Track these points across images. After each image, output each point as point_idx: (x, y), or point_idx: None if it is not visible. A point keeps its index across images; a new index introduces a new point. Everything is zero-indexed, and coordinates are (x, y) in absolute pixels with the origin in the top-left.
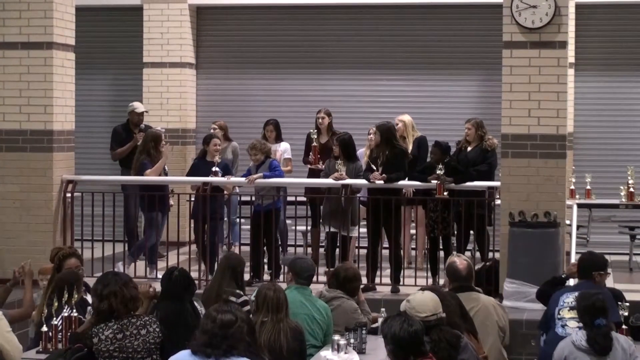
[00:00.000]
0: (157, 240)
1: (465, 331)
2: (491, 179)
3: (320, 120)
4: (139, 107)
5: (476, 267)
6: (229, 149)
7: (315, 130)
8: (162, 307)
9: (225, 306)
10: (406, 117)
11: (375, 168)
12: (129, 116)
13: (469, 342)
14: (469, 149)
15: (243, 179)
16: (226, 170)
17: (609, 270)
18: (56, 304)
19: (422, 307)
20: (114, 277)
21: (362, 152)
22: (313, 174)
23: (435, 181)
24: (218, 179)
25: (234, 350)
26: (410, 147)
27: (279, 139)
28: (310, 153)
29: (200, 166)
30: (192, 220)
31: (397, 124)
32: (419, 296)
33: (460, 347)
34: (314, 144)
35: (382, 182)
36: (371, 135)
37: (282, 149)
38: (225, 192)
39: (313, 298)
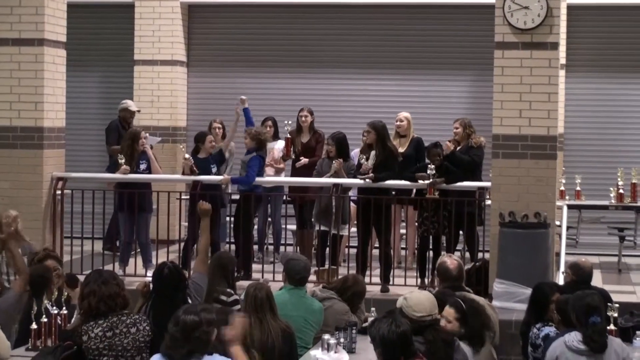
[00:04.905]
0: (133, 240)
1: None
2: (475, 174)
3: (303, 118)
4: (132, 105)
5: (466, 267)
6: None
7: (290, 122)
8: (154, 306)
9: (194, 307)
10: (409, 115)
11: (366, 163)
12: (121, 113)
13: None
14: (458, 148)
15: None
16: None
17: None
18: (46, 301)
19: (419, 306)
20: (95, 276)
21: (356, 153)
22: (297, 173)
23: (426, 181)
24: (208, 178)
25: (196, 353)
26: (406, 147)
27: (276, 136)
28: (283, 147)
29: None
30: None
31: (402, 121)
32: (417, 295)
33: (454, 347)
34: (288, 136)
35: (369, 180)
36: (365, 138)
37: (279, 147)
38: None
39: (308, 299)
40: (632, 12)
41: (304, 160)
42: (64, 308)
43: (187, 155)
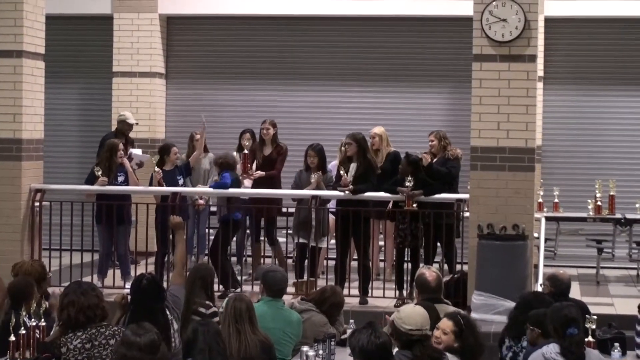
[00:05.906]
0: (114, 251)
1: None
2: (453, 186)
3: (264, 131)
4: (130, 117)
5: (444, 279)
6: (206, 159)
7: (247, 144)
8: (133, 318)
9: (141, 328)
10: (381, 130)
11: (345, 175)
12: (119, 125)
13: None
14: (435, 160)
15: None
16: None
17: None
18: (24, 314)
19: (409, 320)
20: (74, 287)
21: (334, 165)
22: (254, 186)
23: (404, 194)
24: (187, 189)
25: None
26: (382, 161)
27: None
28: (241, 162)
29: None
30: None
31: (374, 137)
32: (411, 308)
33: None
34: (245, 151)
35: (349, 192)
36: (344, 147)
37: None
38: (199, 202)
39: (286, 310)
40: (610, 25)
41: (259, 173)
42: (43, 320)
43: (157, 169)
